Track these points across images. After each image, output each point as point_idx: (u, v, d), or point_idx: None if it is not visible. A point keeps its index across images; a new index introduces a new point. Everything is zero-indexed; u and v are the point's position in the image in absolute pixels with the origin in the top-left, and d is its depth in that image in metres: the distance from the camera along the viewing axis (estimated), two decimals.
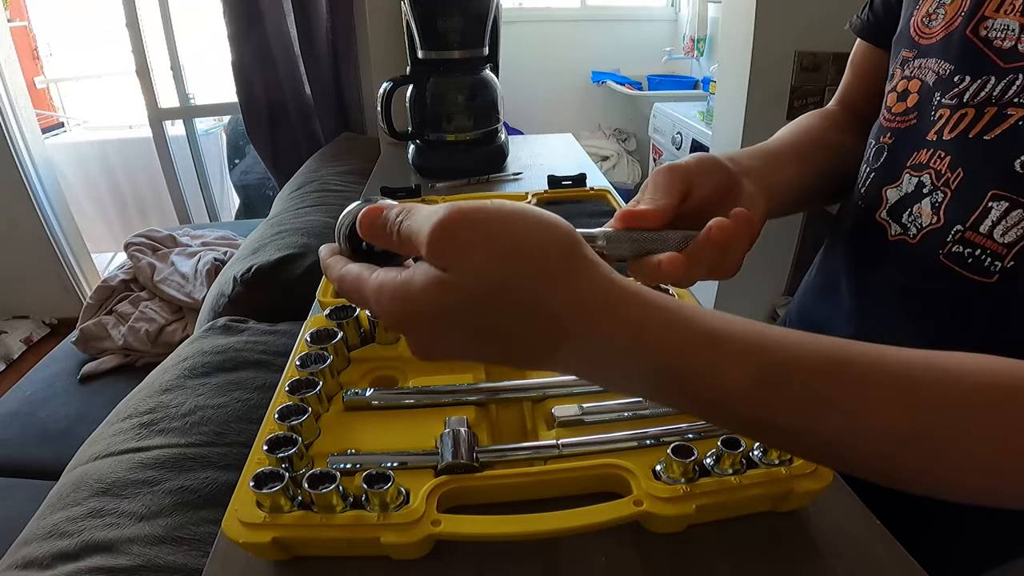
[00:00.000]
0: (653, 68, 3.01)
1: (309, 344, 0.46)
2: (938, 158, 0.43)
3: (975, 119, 0.41)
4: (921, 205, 0.44)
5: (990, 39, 0.40)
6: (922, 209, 0.44)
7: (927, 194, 0.44)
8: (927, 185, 0.44)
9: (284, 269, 0.95)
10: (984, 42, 0.41)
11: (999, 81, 0.39)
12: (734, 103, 1.60)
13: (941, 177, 0.43)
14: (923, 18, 0.46)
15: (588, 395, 0.43)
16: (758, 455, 0.37)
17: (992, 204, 0.39)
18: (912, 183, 0.45)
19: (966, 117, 0.41)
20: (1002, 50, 0.40)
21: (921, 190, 0.44)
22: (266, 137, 1.92)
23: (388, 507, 0.34)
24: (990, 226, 0.39)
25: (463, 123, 1.05)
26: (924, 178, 0.44)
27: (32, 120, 2.09)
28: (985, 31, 0.41)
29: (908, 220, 0.46)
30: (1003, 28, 0.40)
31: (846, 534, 0.36)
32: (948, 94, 0.43)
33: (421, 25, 0.99)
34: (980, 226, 0.40)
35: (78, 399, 1.36)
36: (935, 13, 0.45)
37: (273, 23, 1.77)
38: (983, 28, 0.41)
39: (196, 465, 0.61)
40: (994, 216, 0.39)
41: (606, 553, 0.35)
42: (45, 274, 2.19)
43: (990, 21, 0.41)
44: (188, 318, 1.57)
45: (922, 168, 0.44)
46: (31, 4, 3.19)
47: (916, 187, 0.45)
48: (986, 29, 0.41)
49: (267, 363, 0.78)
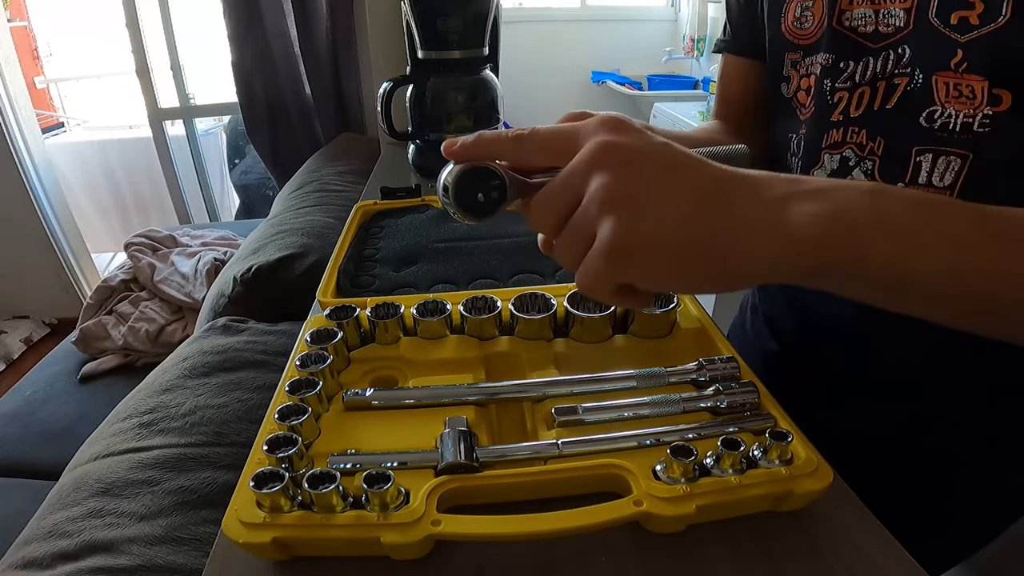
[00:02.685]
0: (653, 68, 3.01)
1: (309, 344, 0.46)
2: (853, 133, 0.48)
3: (872, 94, 0.46)
4: (853, 176, 0.48)
5: (855, 27, 0.47)
6: (855, 179, 0.47)
7: (854, 165, 0.49)
8: (852, 158, 0.49)
9: (284, 269, 0.95)
10: (851, 31, 0.47)
11: (876, 59, 0.46)
12: None
13: (864, 148, 0.48)
14: (793, 23, 0.53)
15: (588, 395, 0.43)
16: (758, 455, 0.37)
17: (920, 158, 0.44)
18: (835, 160, 0.50)
19: (865, 94, 0.47)
20: (867, 34, 0.46)
21: (847, 164, 0.49)
22: (266, 137, 1.92)
23: (388, 507, 0.34)
24: (926, 176, 0.44)
25: (463, 123, 1.05)
26: (847, 152, 0.49)
27: (32, 120, 2.09)
28: (848, 21, 0.48)
29: None
30: (861, 16, 0.47)
31: (846, 534, 0.36)
32: (839, 79, 0.49)
33: (421, 25, 0.99)
34: (918, 178, 0.45)
35: (78, 399, 1.36)
36: (803, 17, 0.52)
37: (273, 23, 1.77)
38: (845, 19, 0.48)
39: (196, 465, 0.61)
40: (926, 167, 0.44)
41: (606, 553, 0.35)
42: (45, 274, 2.19)
43: (849, 12, 0.47)
44: (188, 318, 1.57)
45: (840, 145, 0.49)
46: (31, 4, 3.19)
47: (840, 163, 0.50)
48: (848, 19, 0.47)
49: (267, 363, 0.78)
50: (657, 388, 0.44)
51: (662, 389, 0.44)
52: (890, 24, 0.45)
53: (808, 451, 0.37)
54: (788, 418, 0.40)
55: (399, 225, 0.74)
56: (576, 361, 0.48)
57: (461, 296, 0.51)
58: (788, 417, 0.40)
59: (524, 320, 0.49)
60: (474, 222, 0.34)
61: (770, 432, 0.36)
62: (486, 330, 0.49)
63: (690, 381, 0.45)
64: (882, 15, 0.45)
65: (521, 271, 0.62)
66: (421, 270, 0.64)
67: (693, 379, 0.45)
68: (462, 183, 0.33)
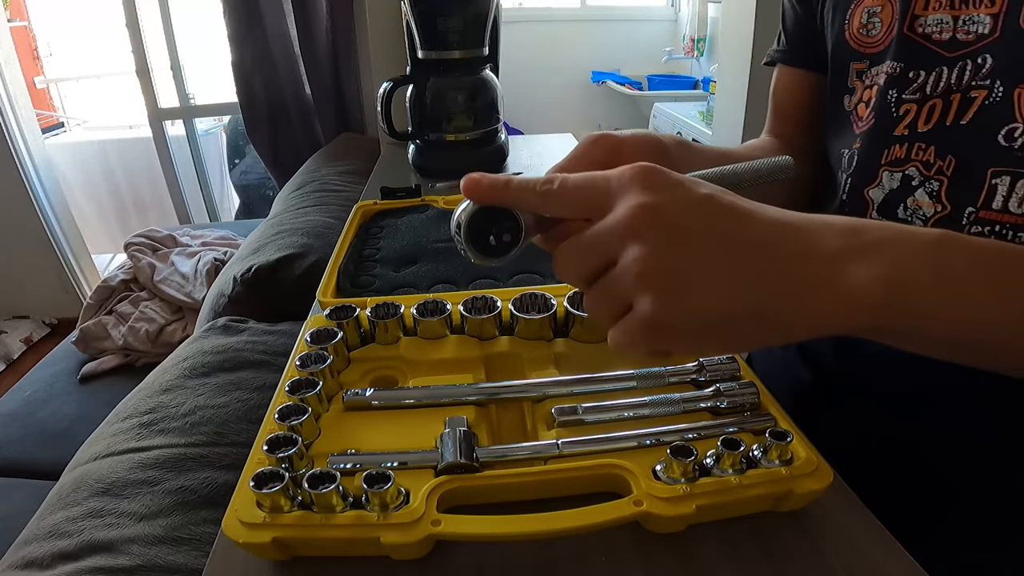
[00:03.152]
0: (653, 68, 3.01)
1: (309, 344, 0.46)
2: (919, 149, 0.44)
3: (945, 108, 0.43)
4: (916, 197, 0.45)
5: (928, 34, 0.44)
6: (918, 201, 0.45)
7: (918, 185, 0.45)
8: (916, 177, 0.45)
9: (284, 269, 0.95)
10: (924, 38, 0.44)
11: (951, 70, 0.42)
12: (734, 103, 1.60)
13: (931, 167, 0.44)
14: (859, 30, 0.49)
15: (588, 395, 0.43)
16: (758, 455, 0.37)
17: (996, 180, 0.40)
18: (896, 179, 0.46)
19: (936, 108, 0.43)
20: (943, 42, 0.43)
21: (910, 183, 0.45)
22: (266, 137, 1.92)
23: (388, 507, 0.34)
24: (1002, 201, 0.40)
25: (463, 123, 1.05)
26: (910, 171, 0.45)
27: (32, 120, 2.09)
28: (921, 28, 0.44)
29: (906, 214, 0.46)
30: (937, 22, 0.43)
31: (846, 534, 0.36)
32: (907, 89, 0.45)
33: (421, 25, 0.99)
34: (992, 203, 0.41)
35: (78, 399, 1.36)
36: (870, 23, 0.48)
37: (273, 23, 1.77)
38: (919, 26, 0.44)
39: (196, 465, 0.61)
40: (1002, 191, 0.40)
41: (606, 553, 0.35)
42: (45, 274, 2.19)
43: (923, 18, 0.44)
44: (188, 318, 1.57)
45: (903, 162, 0.45)
46: (31, 4, 3.19)
47: (902, 181, 0.46)
48: (922, 26, 0.44)
49: (267, 363, 0.78)
50: (657, 388, 0.44)
51: (662, 389, 0.44)
52: (971, 31, 0.41)
53: (808, 451, 0.37)
54: (788, 418, 0.40)
55: (399, 225, 0.74)
56: (576, 361, 0.48)
57: (461, 296, 0.51)
58: (788, 417, 0.40)
59: (524, 320, 0.49)
60: (486, 263, 0.33)
61: (770, 432, 0.36)
62: (486, 330, 0.49)
63: (690, 381, 0.45)
64: (962, 21, 0.41)
65: (521, 271, 0.62)
66: (421, 270, 0.64)
67: (693, 379, 0.45)
68: (475, 222, 0.32)
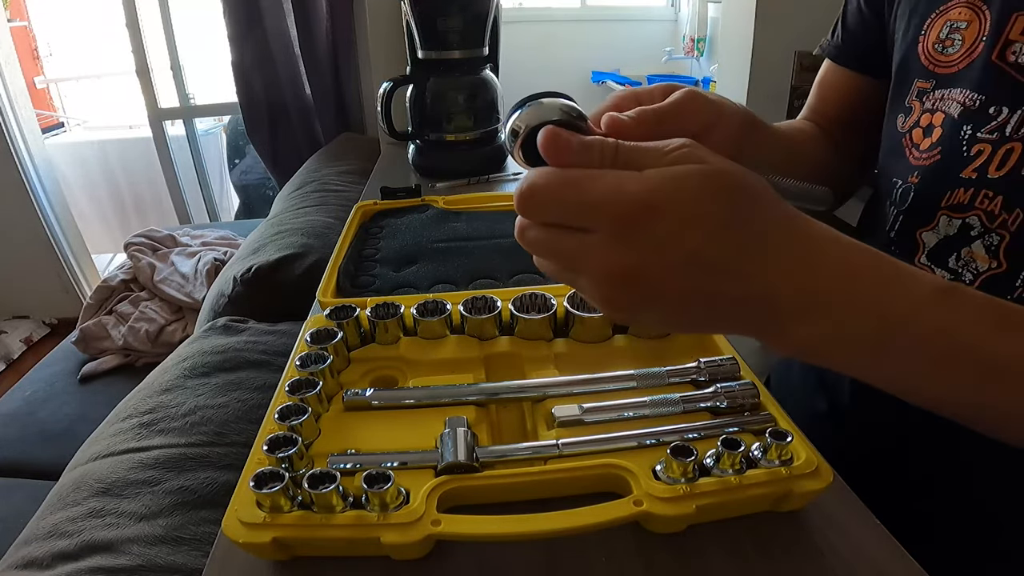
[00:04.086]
0: (653, 68, 3.01)
1: (309, 344, 0.46)
2: (986, 198, 0.40)
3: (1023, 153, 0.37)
4: (972, 249, 0.41)
5: (1021, 64, 0.37)
6: (974, 253, 0.41)
7: (977, 236, 0.40)
8: (975, 227, 0.41)
9: (284, 269, 0.95)
10: (1015, 68, 0.38)
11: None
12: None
13: (995, 219, 0.39)
14: (935, 44, 0.43)
15: (588, 395, 0.43)
16: (758, 455, 0.37)
17: None
18: (954, 225, 0.42)
19: (1014, 152, 0.38)
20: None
21: (968, 232, 0.41)
22: (266, 137, 1.93)
23: (388, 507, 0.34)
24: None
25: (463, 123, 1.05)
26: (971, 220, 0.41)
27: (32, 120, 2.09)
28: (1014, 56, 0.38)
29: (958, 265, 0.42)
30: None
31: (846, 534, 0.36)
32: (984, 128, 0.39)
33: (421, 25, 0.99)
34: None
35: (78, 399, 1.36)
36: (949, 39, 0.42)
37: (273, 23, 1.77)
38: (1011, 53, 0.38)
39: (196, 465, 0.61)
40: None
41: (606, 553, 0.35)
42: (45, 274, 2.19)
43: (1018, 45, 0.37)
44: (188, 318, 1.57)
45: (965, 209, 0.41)
46: (31, 4, 3.20)
47: (960, 229, 0.41)
48: (1015, 54, 0.38)
49: (267, 363, 0.78)
50: (657, 388, 0.44)
51: (662, 389, 0.44)
52: None
53: (808, 451, 0.37)
54: (788, 418, 0.40)
55: (399, 225, 0.74)
56: (576, 361, 0.48)
57: (461, 296, 0.51)
58: (788, 417, 0.40)
59: (524, 320, 0.49)
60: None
61: (770, 432, 0.36)
62: (486, 330, 0.49)
63: (690, 381, 0.45)
64: None
65: (521, 271, 0.62)
66: (421, 270, 0.64)
67: (693, 379, 0.45)
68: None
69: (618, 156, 0.27)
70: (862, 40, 0.53)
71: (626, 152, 0.27)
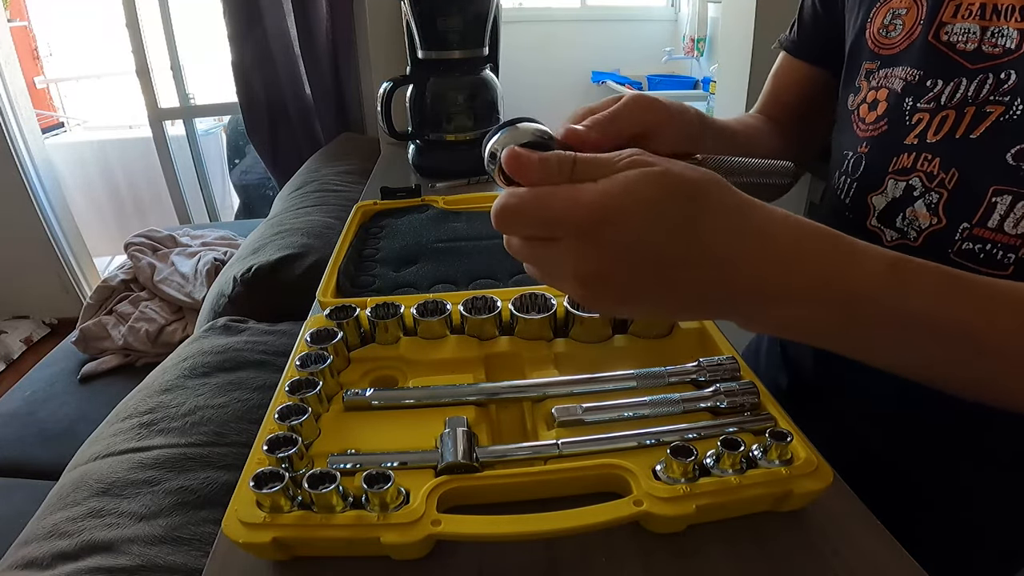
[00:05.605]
0: (653, 68, 3.01)
1: (309, 344, 0.46)
2: (925, 160, 0.44)
3: (957, 120, 0.42)
4: (915, 208, 0.45)
5: (953, 43, 0.43)
6: (916, 211, 0.44)
7: (919, 196, 0.44)
8: (917, 188, 0.44)
9: (284, 269, 0.95)
10: (947, 46, 0.43)
11: (971, 82, 0.41)
12: (734, 103, 1.60)
13: (934, 179, 0.43)
14: (879, 30, 0.48)
15: (588, 395, 0.43)
16: (758, 455, 0.37)
17: (996, 199, 0.40)
18: (899, 187, 0.46)
19: (948, 119, 0.42)
20: (967, 52, 0.42)
21: (911, 193, 0.45)
22: (266, 137, 1.92)
23: (388, 507, 0.34)
24: (998, 220, 0.40)
25: (463, 123, 1.05)
26: (913, 181, 0.45)
27: (32, 120, 2.09)
28: (947, 36, 0.43)
29: (904, 224, 0.46)
30: (963, 32, 0.42)
31: (846, 534, 0.36)
32: (923, 99, 0.44)
33: (421, 25, 0.99)
34: (988, 221, 0.40)
35: (78, 399, 1.36)
36: (892, 24, 0.47)
37: (273, 23, 1.77)
38: (944, 33, 0.43)
39: (196, 465, 0.61)
40: (1000, 210, 0.40)
41: (606, 553, 0.35)
42: (45, 274, 2.19)
43: (949, 26, 0.43)
44: (188, 318, 1.58)
45: (908, 172, 0.45)
46: (31, 4, 3.20)
47: (905, 191, 0.45)
48: (947, 34, 0.43)
49: (267, 363, 0.78)
50: (657, 388, 0.44)
51: (662, 389, 0.44)
52: (998, 44, 0.40)
53: (808, 451, 0.37)
54: (788, 418, 0.40)
55: (399, 225, 0.74)
56: (576, 361, 0.48)
57: (461, 296, 0.51)
58: (788, 417, 0.40)
59: (524, 320, 0.49)
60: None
61: (770, 432, 0.36)
62: (486, 330, 0.49)
63: (690, 381, 0.45)
64: (990, 33, 0.40)
65: (521, 271, 0.62)
66: (421, 270, 0.64)
67: (693, 379, 0.45)
68: None
69: (575, 168, 0.30)
70: (814, 35, 0.58)
71: (582, 164, 0.30)
